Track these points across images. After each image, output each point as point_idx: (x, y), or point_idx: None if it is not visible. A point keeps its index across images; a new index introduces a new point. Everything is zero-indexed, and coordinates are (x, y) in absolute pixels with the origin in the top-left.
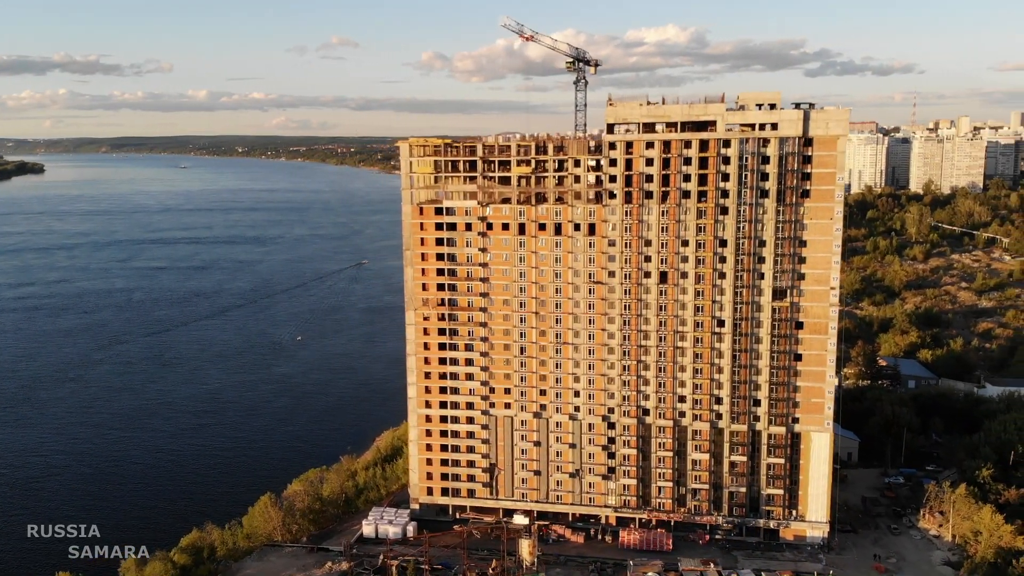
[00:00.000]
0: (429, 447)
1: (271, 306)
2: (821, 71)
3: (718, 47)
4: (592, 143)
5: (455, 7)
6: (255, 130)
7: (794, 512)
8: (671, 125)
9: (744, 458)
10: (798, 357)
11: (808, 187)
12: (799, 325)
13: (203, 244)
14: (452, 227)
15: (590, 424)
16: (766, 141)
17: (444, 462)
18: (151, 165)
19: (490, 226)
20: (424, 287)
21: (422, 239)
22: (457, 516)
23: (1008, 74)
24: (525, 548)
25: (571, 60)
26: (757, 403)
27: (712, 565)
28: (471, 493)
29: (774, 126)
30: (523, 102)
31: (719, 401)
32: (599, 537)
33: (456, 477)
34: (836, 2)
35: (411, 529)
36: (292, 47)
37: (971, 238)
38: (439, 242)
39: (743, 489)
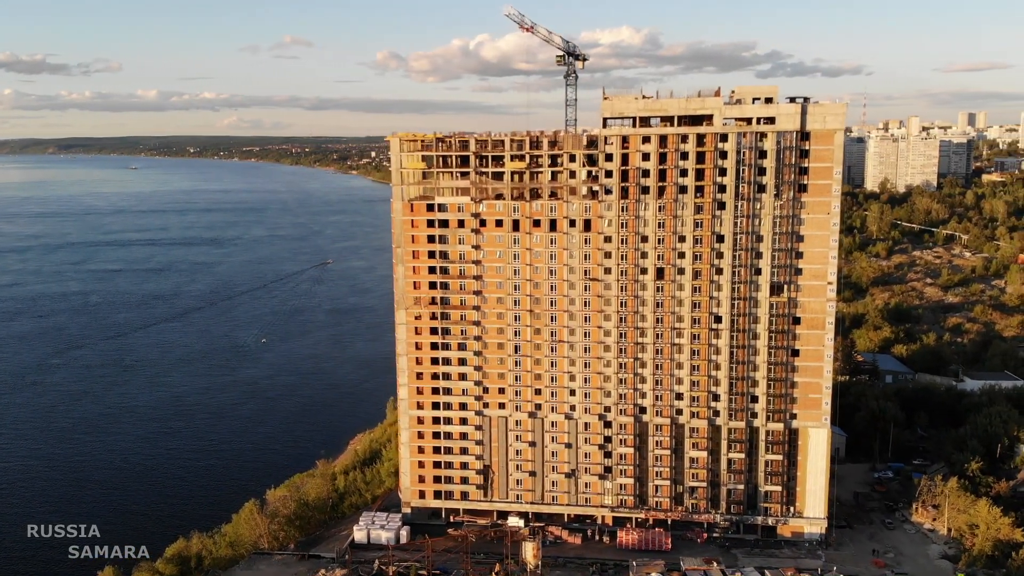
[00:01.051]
0: (421, 449)
1: (232, 308)
2: (772, 72)
3: (671, 49)
4: (587, 138)
5: (411, 7)
6: (206, 130)
7: (792, 509)
8: (666, 119)
9: (742, 455)
10: (795, 352)
11: (805, 181)
12: (796, 320)
13: (159, 246)
14: (444, 224)
15: (586, 423)
16: (763, 135)
17: (437, 464)
18: (101, 166)
19: (483, 223)
20: (416, 286)
21: (413, 236)
22: (452, 519)
23: (953, 75)
24: (529, 551)
25: (561, 55)
26: (755, 399)
27: (715, 564)
28: (464, 495)
29: (771, 120)
30: (479, 103)
31: (716, 398)
32: (596, 538)
33: (449, 479)
34: (786, 5)
35: (404, 533)
36: (245, 46)
37: (931, 235)
38: (431, 239)
39: (741, 486)
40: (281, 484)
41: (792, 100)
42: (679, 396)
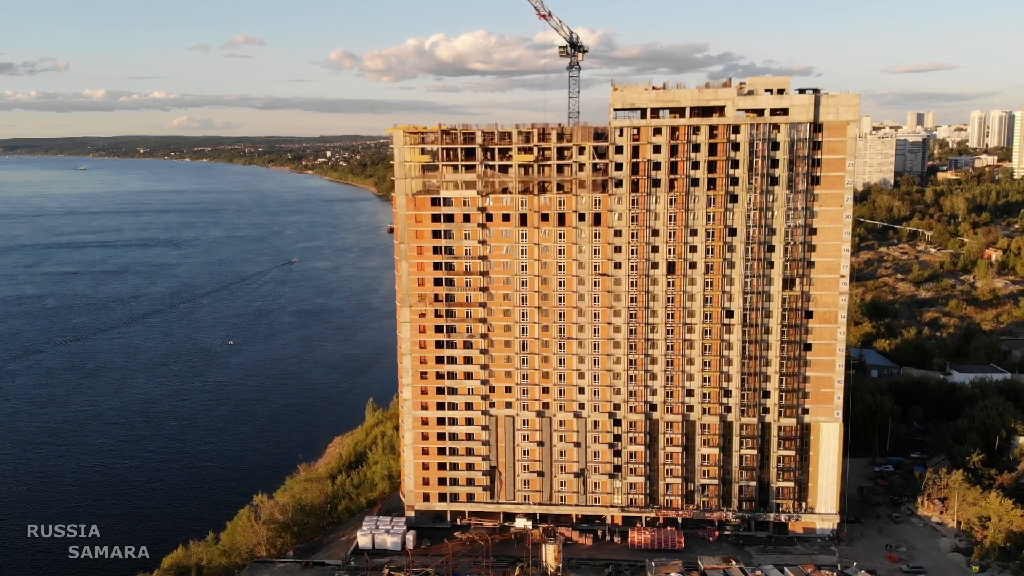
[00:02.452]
0: (426, 451)
1: (195, 310)
2: (724, 74)
3: (625, 50)
4: (595, 130)
5: (365, 6)
6: (156, 130)
7: (803, 505)
8: (676, 111)
9: (754, 451)
10: (807, 347)
11: (818, 173)
12: (808, 314)
13: (114, 247)
14: (449, 219)
15: (595, 422)
16: (776, 127)
17: (442, 466)
18: (48, 167)
19: (490, 217)
20: (420, 282)
21: (417, 232)
22: (459, 522)
23: (900, 76)
24: (551, 553)
25: (565, 45)
26: (767, 395)
27: (733, 562)
28: (470, 497)
29: (784, 111)
30: (434, 102)
31: (728, 394)
32: (607, 538)
33: (454, 481)
34: (737, 7)
35: (410, 538)
36: (195, 45)
37: (895, 232)
38: (435, 234)
39: (752, 483)
40: (266, 489)
41: (802, 91)
42: (690, 392)
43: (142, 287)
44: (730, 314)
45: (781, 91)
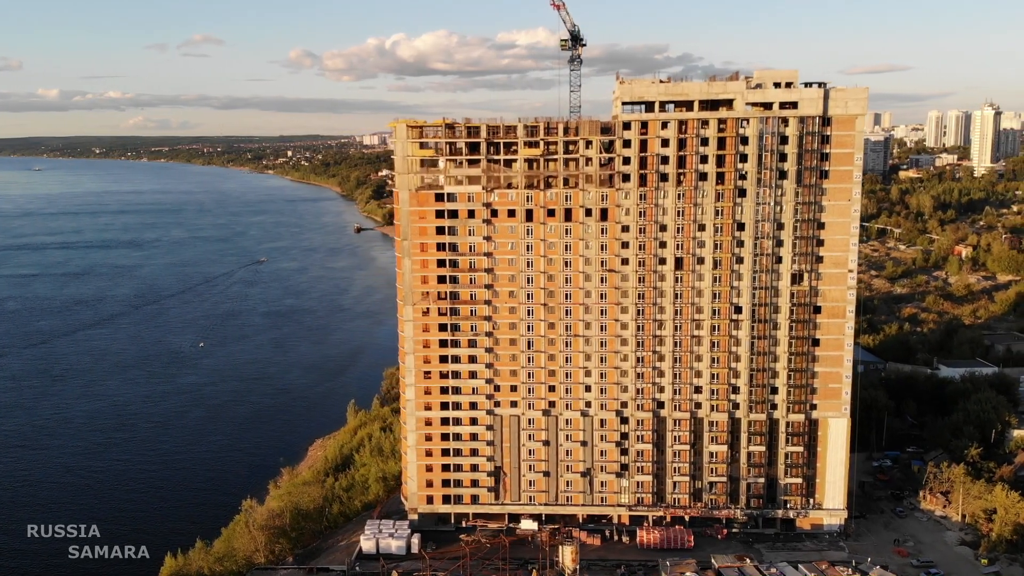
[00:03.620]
0: (429, 452)
1: (162, 312)
2: (684, 75)
3: (587, 51)
4: (603, 123)
5: (325, 5)
6: (112, 131)
7: (811, 501)
8: (682, 104)
9: (762, 448)
10: (816, 342)
11: (827, 168)
12: (817, 309)
13: (75, 249)
14: (453, 214)
15: (602, 420)
16: (785, 121)
17: (446, 467)
18: (1, 168)
19: (494, 213)
20: (424, 280)
21: (421, 228)
22: (464, 523)
23: (856, 77)
24: (568, 555)
25: (567, 38)
26: (775, 391)
27: (748, 560)
28: (475, 499)
29: (794, 105)
30: (395, 102)
31: (736, 390)
32: (615, 538)
33: (458, 483)
34: (696, 8)
35: (415, 542)
36: (152, 44)
37: (864, 229)
38: (439, 231)
39: (761, 480)
40: (250, 493)
41: (808, 85)
42: (698, 389)
43: (106, 289)
44: (738, 310)
45: (789, 84)
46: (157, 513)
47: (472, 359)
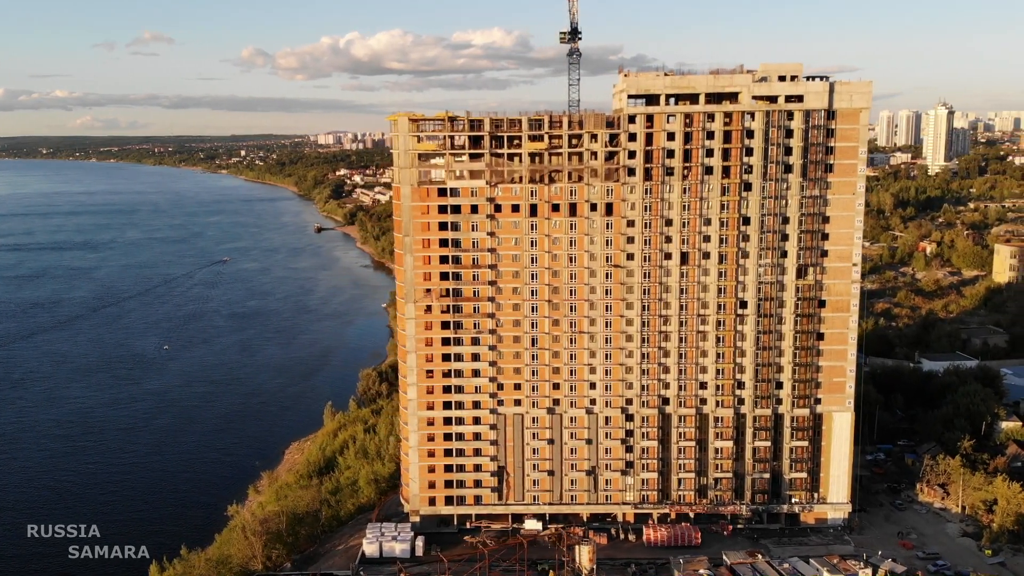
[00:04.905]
0: (431, 453)
1: (122, 315)
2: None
3: (542, 51)
4: (609, 117)
5: (277, 2)
6: (59, 130)
7: (816, 495)
8: (685, 97)
9: (767, 443)
10: (820, 336)
11: (831, 161)
12: (821, 303)
13: (27, 251)
14: (456, 210)
15: (607, 417)
16: (790, 114)
17: (448, 468)
18: None
19: (498, 208)
20: (427, 277)
21: (422, 224)
22: (468, 525)
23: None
24: (585, 555)
25: (566, 31)
26: (780, 385)
27: (759, 556)
28: (478, 499)
29: (799, 98)
30: (350, 101)
31: (741, 386)
32: (621, 536)
33: (461, 483)
34: (649, 10)
35: (420, 544)
36: (100, 42)
37: None
38: (442, 226)
39: (766, 475)
40: (229, 498)
41: (810, 78)
42: (703, 385)
43: (62, 292)
44: (743, 304)
45: (794, 77)
46: (143, 516)
47: (475, 357)
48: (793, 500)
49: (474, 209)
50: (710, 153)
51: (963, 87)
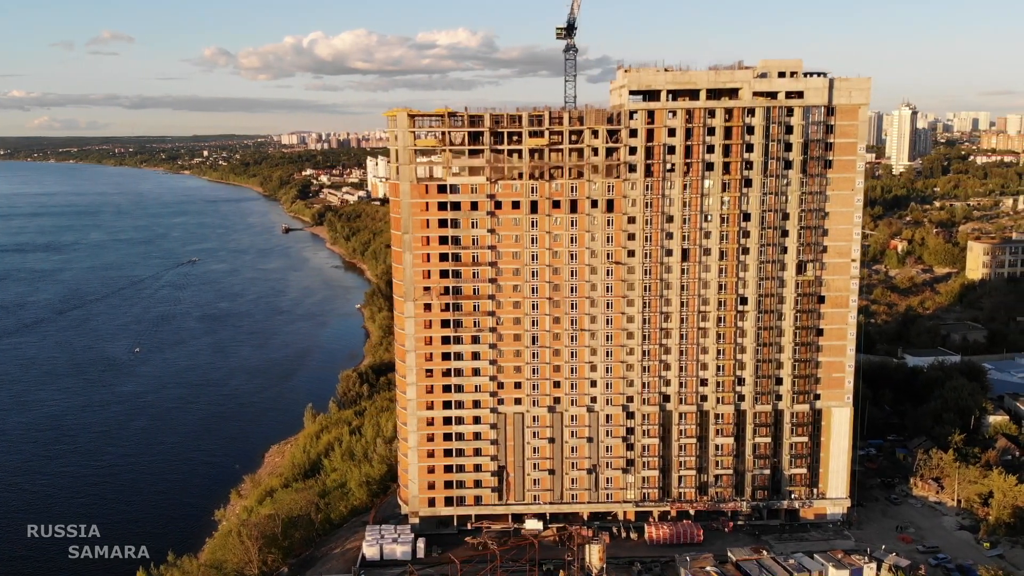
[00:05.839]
0: (431, 453)
1: (90, 318)
2: (602, 77)
3: (506, 52)
4: (609, 112)
5: (239, 2)
6: (16, 131)
7: (815, 490)
8: (685, 93)
9: (767, 439)
10: (820, 332)
11: (831, 157)
12: (821, 299)
13: None
14: (456, 207)
15: (608, 415)
16: (790, 110)
17: (448, 468)
18: None
19: (498, 205)
20: (426, 275)
21: (425, 221)
22: (469, 526)
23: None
24: (595, 554)
25: (562, 27)
26: (780, 381)
27: (764, 552)
28: (478, 500)
29: (800, 94)
30: (313, 101)
31: (741, 382)
32: (623, 535)
33: (461, 484)
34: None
35: (421, 546)
36: (58, 42)
37: None
38: (442, 224)
39: (766, 471)
40: (213, 502)
41: (808, 75)
42: (704, 382)
43: (26, 294)
44: (744, 301)
45: (793, 73)
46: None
47: (475, 356)
48: (793, 496)
49: (474, 206)
50: (711, 149)
51: (921, 89)
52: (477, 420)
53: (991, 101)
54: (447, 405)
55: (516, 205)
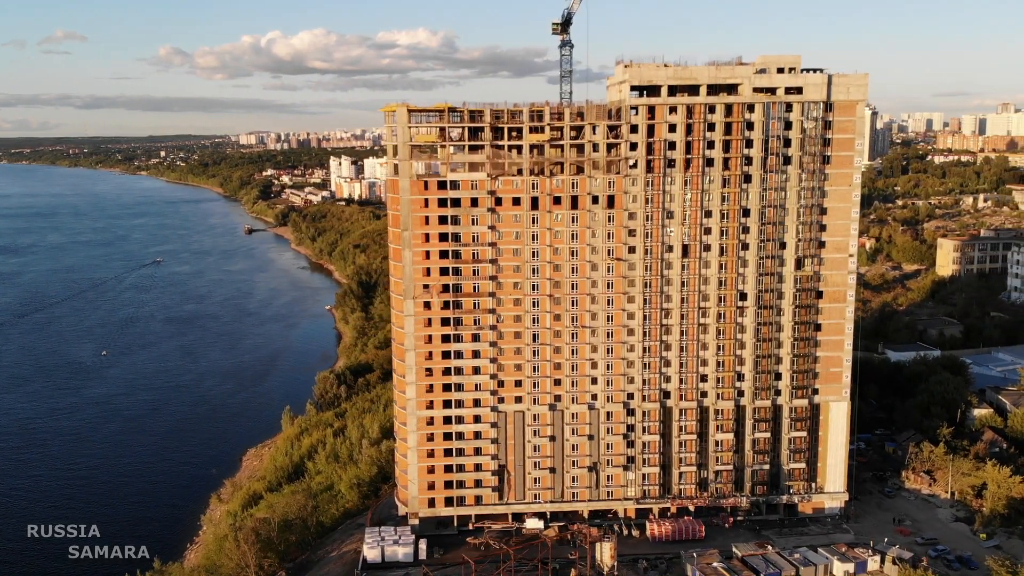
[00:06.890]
0: (431, 453)
1: (52, 321)
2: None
3: (467, 52)
4: (610, 108)
5: (196, 0)
6: None
7: (814, 485)
8: (684, 89)
9: (766, 434)
10: (818, 327)
11: (829, 153)
12: (819, 294)
13: None
14: (456, 203)
15: (608, 413)
16: (789, 106)
17: (448, 468)
18: None
19: (499, 201)
20: (426, 272)
21: (424, 218)
22: (470, 526)
23: None
24: (607, 552)
25: (558, 23)
26: (779, 377)
27: (769, 547)
28: (478, 499)
29: (799, 90)
30: (271, 101)
31: (741, 378)
32: (624, 532)
33: (461, 484)
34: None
35: (423, 548)
36: (9, 41)
37: None
38: (442, 220)
39: (766, 466)
40: (195, 506)
41: (806, 71)
42: (704, 378)
43: None
44: (743, 296)
45: (792, 69)
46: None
47: (476, 354)
48: (792, 490)
49: (474, 202)
50: (711, 145)
51: (876, 89)
52: (477, 419)
53: (944, 102)
54: (447, 404)
55: (517, 201)
